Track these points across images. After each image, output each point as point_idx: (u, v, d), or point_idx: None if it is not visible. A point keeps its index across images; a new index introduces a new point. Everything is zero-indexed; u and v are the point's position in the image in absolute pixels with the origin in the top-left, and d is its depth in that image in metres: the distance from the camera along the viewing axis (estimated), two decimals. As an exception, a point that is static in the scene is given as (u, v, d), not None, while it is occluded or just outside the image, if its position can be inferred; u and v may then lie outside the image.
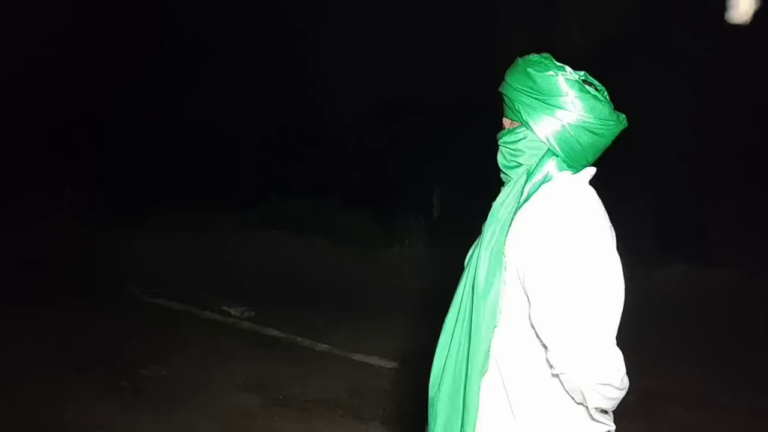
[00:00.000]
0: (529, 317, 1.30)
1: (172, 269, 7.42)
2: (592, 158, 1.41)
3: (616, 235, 1.36)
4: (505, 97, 1.46)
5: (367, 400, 4.12)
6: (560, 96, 1.36)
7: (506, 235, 1.34)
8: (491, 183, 1.53)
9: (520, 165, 1.42)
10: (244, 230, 8.96)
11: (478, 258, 1.37)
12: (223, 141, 10.65)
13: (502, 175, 1.48)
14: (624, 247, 1.32)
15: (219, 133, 10.58)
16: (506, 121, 1.48)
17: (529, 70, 1.38)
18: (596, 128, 1.37)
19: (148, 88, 10.52)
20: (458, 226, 1.54)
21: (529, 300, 1.30)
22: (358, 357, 4.92)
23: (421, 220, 9.25)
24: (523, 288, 1.31)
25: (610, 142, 1.41)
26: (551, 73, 1.36)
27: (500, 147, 1.47)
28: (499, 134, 1.48)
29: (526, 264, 1.29)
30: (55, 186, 9.68)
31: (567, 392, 1.29)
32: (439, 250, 8.01)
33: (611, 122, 1.38)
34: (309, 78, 10.24)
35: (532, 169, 1.39)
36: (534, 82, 1.37)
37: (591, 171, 1.42)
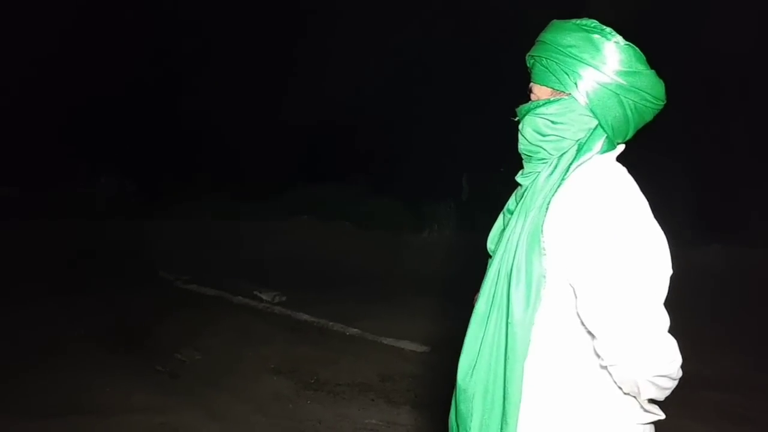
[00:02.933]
0: (576, 307, 1.22)
1: (203, 256, 7.52)
2: (629, 137, 1.32)
3: (656, 218, 1.30)
4: (546, 62, 1.30)
5: (399, 385, 4.12)
6: (627, 70, 1.24)
7: (544, 218, 1.25)
8: (518, 163, 1.42)
9: (561, 139, 1.29)
10: (273, 217, 9.02)
11: (517, 242, 1.27)
12: (253, 129, 10.72)
13: (527, 149, 1.34)
14: (663, 229, 1.26)
15: (248, 122, 10.65)
16: (541, 90, 1.33)
17: (594, 37, 1.25)
18: (650, 107, 1.28)
19: (177, 79, 10.64)
20: (487, 208, 1.46)
21: (574, 289, 1.22)
22: (388, 341, 4.92)
23: (450, 203, 9.19)
24: (566, 276, 1.23)
25: (649, 119, 1.32)
26: (616, 42, 1.24)
27: (533, 118, 1.32)
28: (532, 103, 1.33)
29: (570, 251, 1.21)
30: (90, 177, 9.90)
31: (615, 382, 1.22)
32: (469, 233, 7.95)
33: (662, 102, 1.29)
34: (331, 66, 10.23)
35: (582, 144, 1.27)
36: (597, 50, 1.24)
37: (620, 148, 1.33)
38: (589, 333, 1.23)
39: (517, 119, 1.38)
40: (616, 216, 1.19)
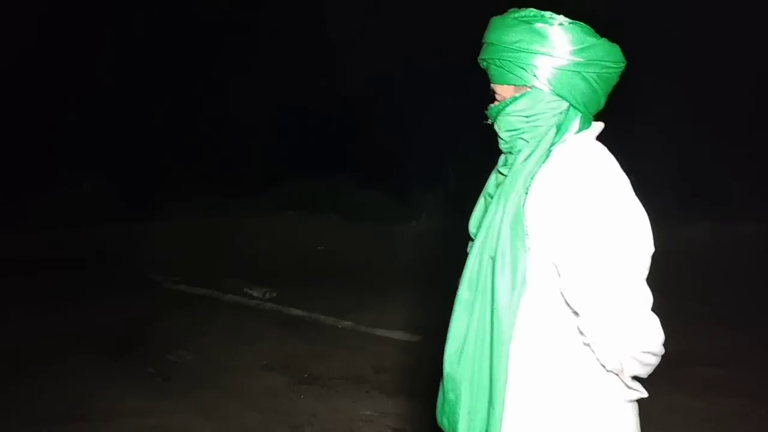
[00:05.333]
0: (559, 286, 1.22)
1: (192, 255, 7.47)
2: (602, 105, 1.33)
3: (642, 196, 1.29)
4: (500, 62, 1.30)
5: (393, 375, 4.12)
6: (579, 47, 1.24)
7: (525, 200, 1.25)
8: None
9: (537, 127, 1.29)
10: (260, 213, 8.97)
11: (500, 226, 1.27)
12: (236, 125, 10.63)
13: (507, 147, 1.35)
14: (649, 207, 1.25)
15: (231, 118, 10.56)
16: (504, 89, 1.33)
17: (537, 26, 1.25)
18: (613, 72, 1.29)
19: (160, 76, 10.49)
20: (475, 196, 1.46)
21: (557, 268, 1.22)
22: (381, 332, 4.91)
23: (439, 192, 9.17)
24: (550, 255, 1.23)
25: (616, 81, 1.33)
26: (560, 24, 1.25)
27: (505, 118, 1.32)
28: (500, 104, 1.33)
29: (553, 231, 1.21)
30: (72, 181, 9.74)
31: (598, 360, 1.22)
32: (457, 221, 7.92)
33: (623, 64, 1.30)
34: (318, 58, 10.16)
35: (559, 126, 1.28)
36: (544, 38, 1.24)
37: (600, 126, 1.34)
38: (573, 311, 1.22)
39: (490, 122, 1.38)
40: (598, 193, 1.19)
